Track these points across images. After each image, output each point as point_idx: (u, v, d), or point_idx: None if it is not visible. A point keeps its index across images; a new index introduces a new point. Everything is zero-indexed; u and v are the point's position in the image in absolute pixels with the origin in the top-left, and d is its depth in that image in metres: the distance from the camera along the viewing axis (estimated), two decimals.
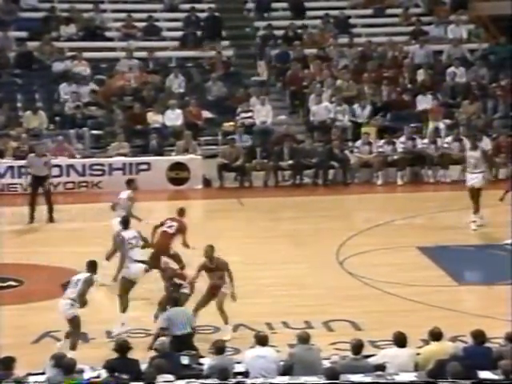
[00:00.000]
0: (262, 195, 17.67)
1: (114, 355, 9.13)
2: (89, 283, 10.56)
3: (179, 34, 23.37)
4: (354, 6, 24.42)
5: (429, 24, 23.71)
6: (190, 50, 23.01)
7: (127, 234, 11.72)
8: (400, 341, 9.22)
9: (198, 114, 20.83)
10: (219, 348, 9.27)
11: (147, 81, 21.66)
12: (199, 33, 23.20)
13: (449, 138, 19.76)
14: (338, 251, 14.39)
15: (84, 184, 18.79)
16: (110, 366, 8.87)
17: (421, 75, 21.98)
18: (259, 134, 20.40)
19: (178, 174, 18.95)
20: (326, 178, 19.13)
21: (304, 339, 9.41)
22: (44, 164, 16.45)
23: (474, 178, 15.11)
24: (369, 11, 24.33)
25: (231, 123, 20.56)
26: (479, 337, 9.22)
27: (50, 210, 16.41)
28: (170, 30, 23.68)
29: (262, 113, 20.80)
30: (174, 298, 10.77)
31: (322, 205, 17.26)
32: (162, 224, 12.72)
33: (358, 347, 9.16)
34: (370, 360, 9.25)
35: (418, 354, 9.30)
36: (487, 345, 9.33)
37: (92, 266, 10.75)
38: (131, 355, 9.15)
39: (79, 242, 14.77)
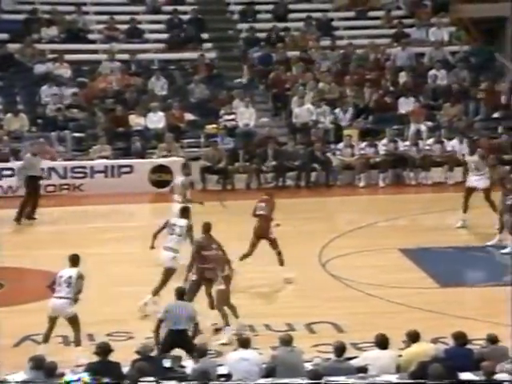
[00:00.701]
0: (245, 197, 17.63)
1: (96, 358, 9.11)
2: (83, 278, 10.61)
3: (162, 36, 23.33)
4: (337, 9, 24.48)
5: (411, 26, 23.79)
6: (172, 53, 22.97)
7: (175, 221, 12.03)
8: (382, 343, 9.25)
9: (180, 116, 20.80)
10: (201, 351, 9.26)
11: (129, 83, 21.61)
12: (182, 35, 23.17)
13: (430, 140, 19.84)
14: (321, 253, 14.42)
15: (66, 187, 18.71)
16: (91, 369, 8.84)
17: (403, 77, 22.06)
18: (242, 137, 20.41)
19: (161, 177, 18.91)
20: (309, 180, 19.16)
21: (286, 341, 9.43)
22: (39, 164, 16.74)
23: (477, 180, 15.22)
24: (351, 14, 24.39)
25: (214, 125, 20.55)
26: (460, 338, 9.27)
27: (35, 208, 16.54)
28: (152, 32, 23.62)
29: (245, 115, 20.80)
30: (178, 289, 10.48)
31: (304, 207, 17.27)
32: (255, 209, 13.17)
33: (340, 349, 9.18)
34: (353, 362, 9.27)
35: (400, 355, 9.33)
36: (468, 346, 9.38)
37: (76, 260, 10.75)
38: (113, 358, 9.12)
39: (62, 244, 14.68)
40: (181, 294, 10.43)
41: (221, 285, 11.31)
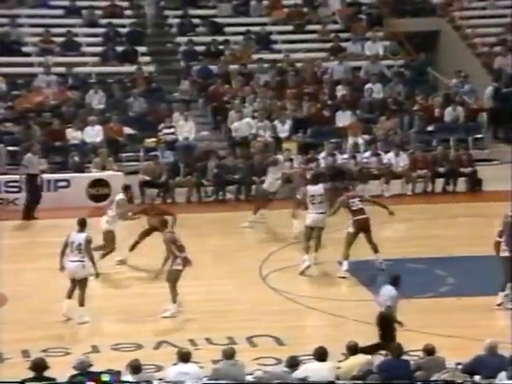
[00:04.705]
0: (185, 211, 17.61)
1: (31, 374, 8.99)
2: (90, 241, 12.25)
3: (99, 49, 23.20)
4: (275, 23, 24.69)
5: (347, 40, 24.13)
6: (110, 66, 22.86)
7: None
8: (320, 355, 9.35)
9: (119, 130, 20.69)
10: (135, 367, 9.20)
11: (66, 97, 21.42)
12: (120, 48, 23.08)
13: (367, 153, 20.11)
14: (261, 266, 14.48)
15: (0, 201, 18.41)
16: None
17: (340, 91, 22.35)
18: (182, 150, 20.39)
19: (99, 191, 18.77)
20: (249, 193, 19.22)
21: (229, 355, 9.45)
22: (38, 162, 17.55)
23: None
24: (289, 27, 24.63)
25: (153, 139, 20.50)
26: (396, 350, 9.41)
27: (34, 208, 17.35)
28: (89, 45, 23.47)
29: (184, 129, 20.80)
30: None
31: (244, 220, 17.31)
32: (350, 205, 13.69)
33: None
34: (294, 374, 9.34)
35: (339, 367, 9.43)
36: (406, 358, 9.53)
37: (84, 224, 12.39)
38: (49, 374, 9.02)
39: None
40: None
41: (178, 266, 12.40)
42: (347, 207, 14.50)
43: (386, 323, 10.55)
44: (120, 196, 14.89)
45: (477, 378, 9.19)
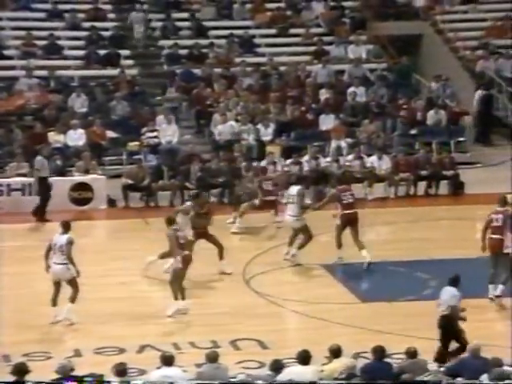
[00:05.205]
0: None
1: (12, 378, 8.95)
2: (72, 243, 12.30)
3: (82, 52, 23.13)
4: (258, 26, 24.71)
5: (330, 44, 24.19)
6: (93, 69, 22.80)
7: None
8: (304, 359, 9.36)
9: (101, 133, 20.64)
10: (120, 371, 9.18)
11: (48, 100, 21.33)
12: (102, 52, 23.03)
13: (350, 157, 20.15)
14: (245, 270, 14.47)
15: None
16: None
17: (323, 94, 22.39)
18: (165, 154, 20.36)
19: (81, 195, 18.70)
20: (232, 196, 19.20)
21: (213, 358, 9.45)
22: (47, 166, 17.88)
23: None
24: (272, 31, 24.65)
25: (136, 143, 20.46)
26: (379, 352, 9.44)
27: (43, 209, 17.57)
28: (71, 48, 23.40)
29: (167, 132, 20.77)
30: None
31: (228, 223, 17.30)
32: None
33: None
34: (277, 377, 9.35)
35: (322, 371, 9.45)
36: (388, 360, 9.56)
37: (67, 226, 12.46)
38: (31, 378, 8.96)
39: None
40: None
41: (179, 264, 12.42)
42: (338, 201, 14.57)
43: (450, 325, 10.50)
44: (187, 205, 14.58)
45: (459, 380, 9.23)
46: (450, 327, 10.57)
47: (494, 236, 13.07)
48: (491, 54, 24.12)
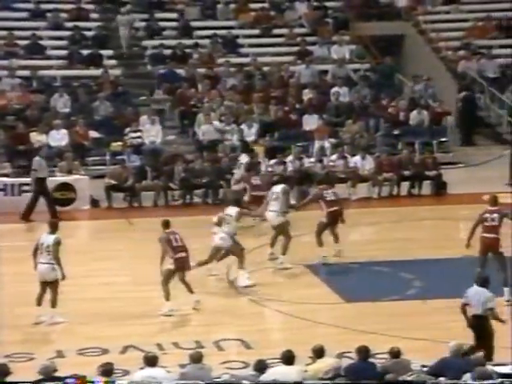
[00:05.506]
0: (152, 215, 17.57)
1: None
2: (59, 243, 12.22)
3: (64, 52, 23.04)
4: (242, 26, 24.71)
5: (313, 44, 24.22)
6: (75, 69, 22.71)
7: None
8: (288, 359, 9.36)
9: (84, 133, 20.58)
10: (106, 370, 9.16)
11: (31, 100, 21.24)
12: (85, 51, 22.95)
13: (334, 156, 20.19)
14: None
15: None
16: None
17: (307, 95, 22.42)
18: (148, 154, 20.32)
19: (64, 195, 18.63)
20: (216, 197, 19.21)
21: (196, 359, 9.44)
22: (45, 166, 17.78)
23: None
24: (256, 31, 24.66)
25: (119, 143, 20.41)
26: (363, 352, 9.46)
27: (53, 206, 17.54)
28: (54, 48, 23.30)
29: (151, 132, 20.73)
30: None
31: (212, 224, 17.28)
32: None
33: (260, 365, 9.28)
34: (261, 377, 9.35)
35: (306, 371, 9.46)
36: (372, 360, 9.58)
37: (55, 226, 12.42)
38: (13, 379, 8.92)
39: None
40: None
41: (171, 265, 12.62)
42: (322, 199, 14.63)
43: (483, 325, 10.44)
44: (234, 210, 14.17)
45: (442, 379, 9.26)
46: (482, 328, 10.46)
47: (489, 235, 12.93)
48: (473, 54, 24.25)
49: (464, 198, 18.56)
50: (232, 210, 14.01)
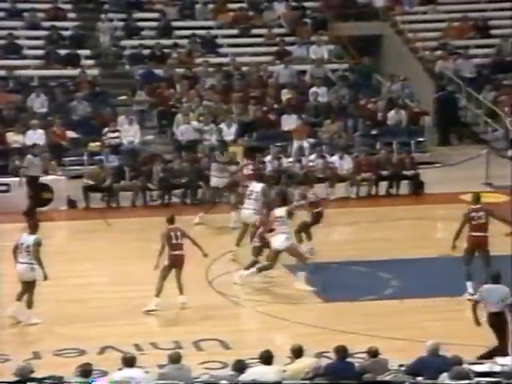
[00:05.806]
0: (130, 215, 17.52)
1: None
2: (39, 244, 12.24)
3: (41, 52, 22.91)
4: (221, 26, 24.69)
5: (292, 44, 24.25)
6: (52, 69, 22.59)
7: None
8: (266, 359, 9.37)
9: (62, 134, 20.47)
10: (85, 371, 9.12)
11: (7, 100, 21.10)
12: (63, 51, 22.83)
13: (312, 156, 20.23)
14: (208, 270, 14.45)
15: None
16: None
17: (285, 95, 22.45)
18: (126, 154, 20.25)
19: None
20: (195, 197, 19.19)
21: (175, 359, 9.43)
22: (39, 164, 17.73)
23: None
24: (235, 31, 24.65)
25: (97, 143, 20.32)
26: (341, 352, 9.49)
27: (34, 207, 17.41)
28: (31, 48, 23.17)
29: (129, 132, 20.66)
30: None
31: (190, 224, 17.26)
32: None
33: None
34: (240, 378, 9.36)
35: (285, 371, 9.47)
36: (350, 360, 9.61)
37: (35, 228, 12.46)
38: None
39: None
40: None
41: (165, 262, 12.59)
42: (306, 199, 14.95)
43: (501, 322, 10.41)
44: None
45: (420, 379, 9.31)
46: (503, 324, 10.41)
47: (477, 234, 12.92)
48: (450, 54, 24.38)
49: (441, 197, 18.67)
50: (281, 211, 13.79)
